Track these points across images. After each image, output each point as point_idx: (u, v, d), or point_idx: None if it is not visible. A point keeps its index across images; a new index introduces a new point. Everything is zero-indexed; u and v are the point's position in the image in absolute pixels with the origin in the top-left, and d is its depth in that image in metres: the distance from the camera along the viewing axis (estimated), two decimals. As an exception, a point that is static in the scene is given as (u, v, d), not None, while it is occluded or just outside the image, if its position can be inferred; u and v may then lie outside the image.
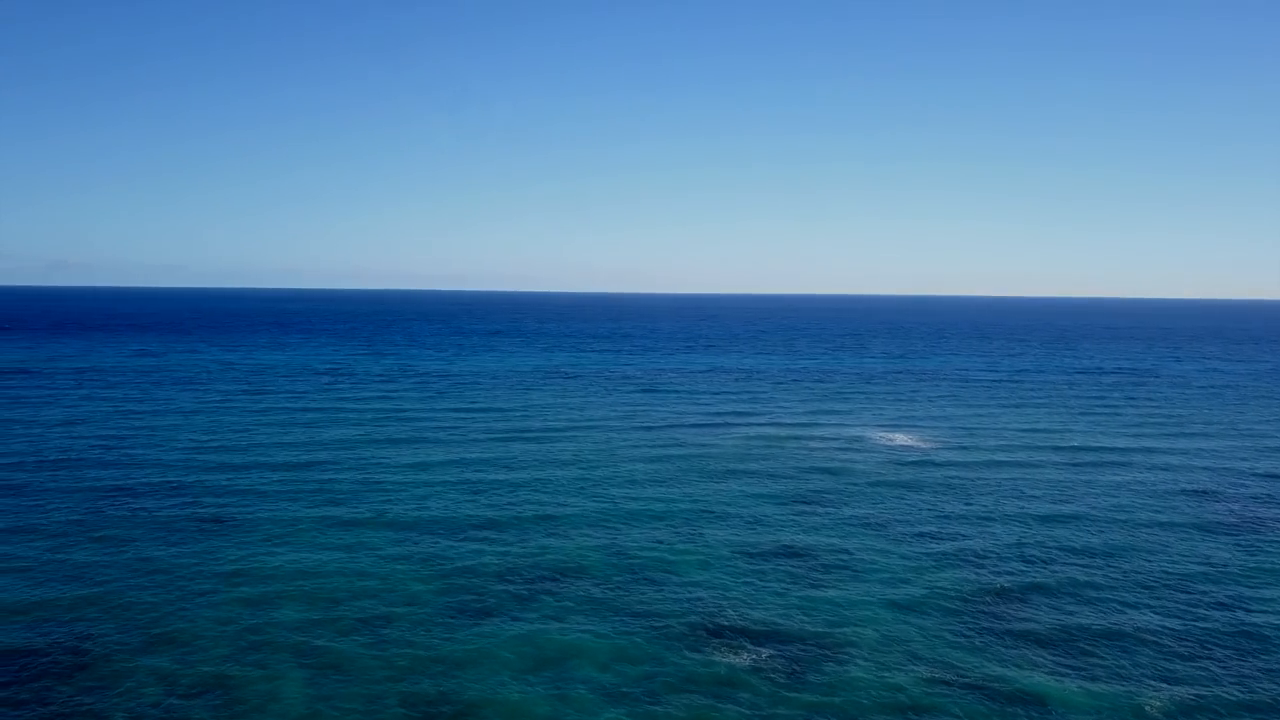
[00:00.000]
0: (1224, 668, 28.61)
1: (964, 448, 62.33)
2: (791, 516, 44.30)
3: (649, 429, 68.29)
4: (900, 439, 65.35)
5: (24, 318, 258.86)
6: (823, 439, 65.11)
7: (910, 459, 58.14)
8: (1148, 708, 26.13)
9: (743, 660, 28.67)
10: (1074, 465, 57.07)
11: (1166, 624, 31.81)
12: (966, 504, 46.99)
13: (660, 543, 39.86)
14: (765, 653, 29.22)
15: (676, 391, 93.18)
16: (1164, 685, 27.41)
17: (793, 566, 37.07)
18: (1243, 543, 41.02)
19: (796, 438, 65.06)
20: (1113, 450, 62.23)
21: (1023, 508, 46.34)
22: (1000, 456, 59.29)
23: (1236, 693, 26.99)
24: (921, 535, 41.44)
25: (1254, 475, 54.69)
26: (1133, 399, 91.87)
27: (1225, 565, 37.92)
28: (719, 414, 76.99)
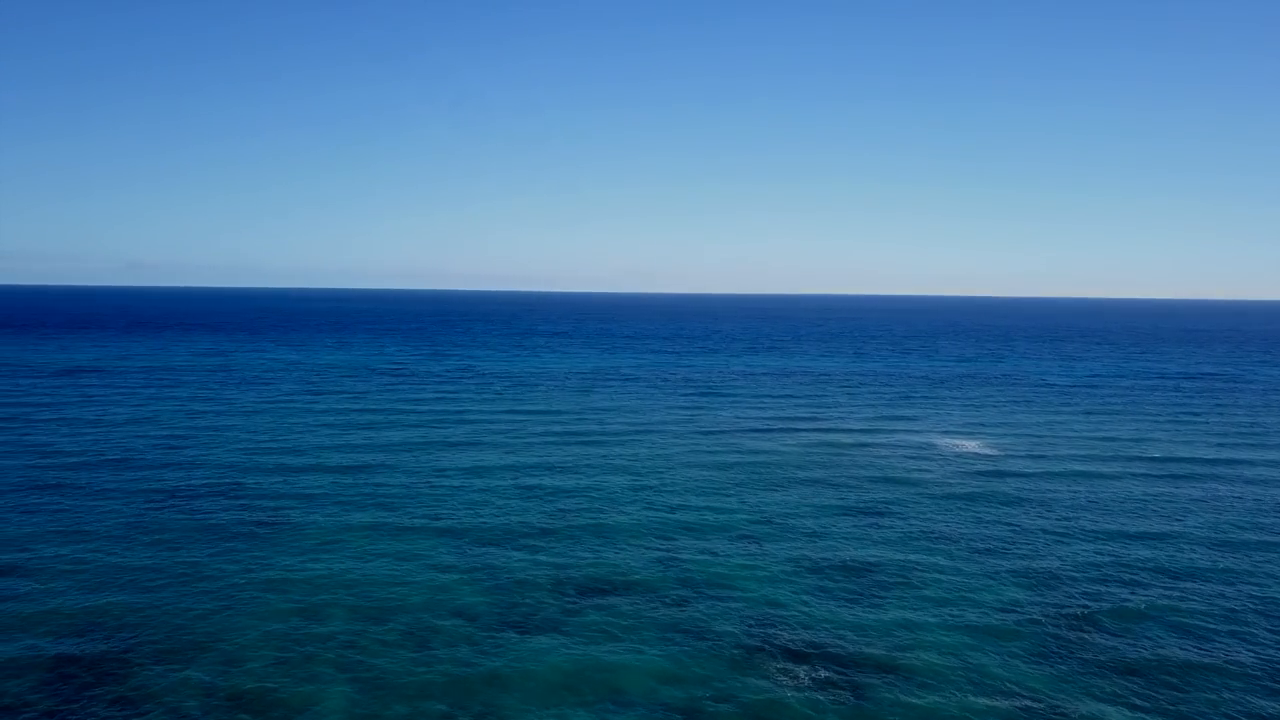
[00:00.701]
0: (1328, 707, 26.26)
1: (1038, 457, 59.70)
2: (855, 529, 42.54)
3: (708, 433, 66.84)
4: (970, 446, 62.92)
5: (101, 316, 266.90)
6: (889, 446, 62.99)
7: (980, 468, 55.78)
8: (1244, 750, 24.03)
9: (800, 683, 27.17)
10: (1156, 477, 54.17)
11: (1261, 655, 29.45)
12: (1041, 518, 44.69)
13: (716, 555, 38.47)
14: (824, 675, 27.70)
15: (738, 394, 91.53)
16: (1261, 725, 25.22)
17: (855, 583, 35.39)
18: (1344, 565, 38.17)
19: (861, 444, 63.05)
20: (1198, 461, 59.02)
21: (1101, 523, 43.87)
22: (1076, 467, 56.56)
23: (1344, 736, 24.70)
24: (992, 551, 39.36)
25: (1353, 490, 51.30)
26: (1220, 406, 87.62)
27: (1326, 590, 35.23)
28: (781, 418, 75.20)
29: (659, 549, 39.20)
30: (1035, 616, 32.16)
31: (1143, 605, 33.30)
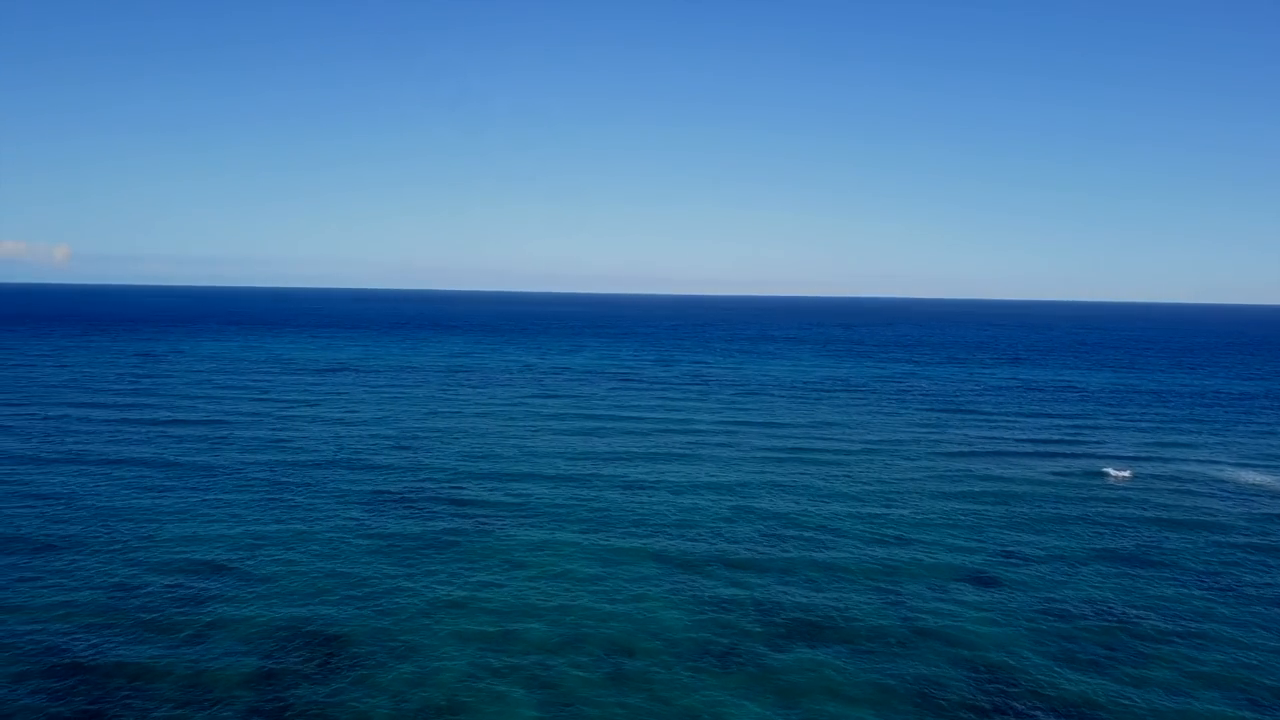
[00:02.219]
0: None
1: (1353, 500, 49.98)
2: (1115, 577, 36.63)
3: (945, 455, 61.26)
4: (1264, 481, 53.82)
5: (368, 317, 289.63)
6: (1161, 477, 55.03)
7: (1276, 510, 47.29)
8: None
9: (1042, 774, 22.78)
10: None
11: None
12: (1360, 579, 36.71)
13: (947, 599, 34.07)
14: (1073, 765, 23.14)
15: (985, 411, 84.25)
16: None
17: (1110, 645, 30.03)
18: None
19: (1126, 475, 55.42)
20: None
21: None
22: (1406, 515, 46.73)
23: None
24: (1295, 619, 32.45)
25: None
26: None
27: None
28: (1034, 440, 68.04)
29: (882, 587, 35.28)
30: (1357, 712, 25.74)
31: None
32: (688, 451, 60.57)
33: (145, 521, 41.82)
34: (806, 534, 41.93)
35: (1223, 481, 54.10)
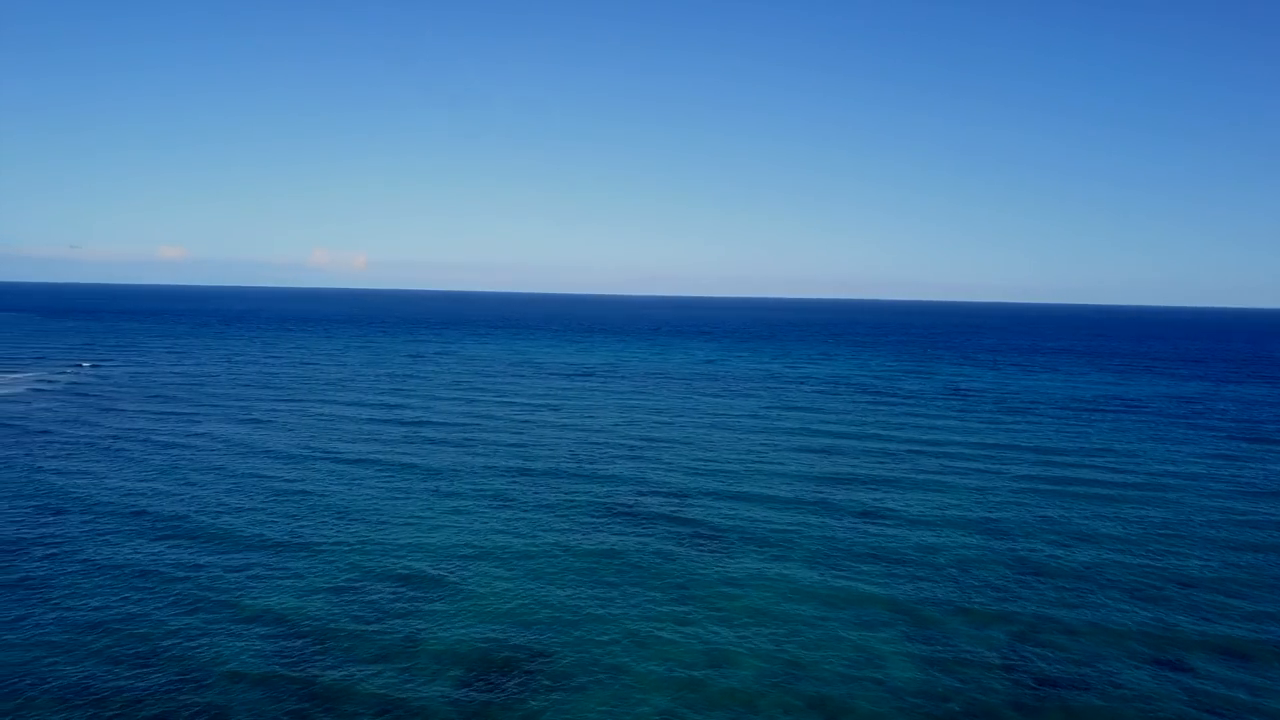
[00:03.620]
0: None
1: None
2: None
3: (1246, 495, 52.25)
4: None
5: (611, 321, 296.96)
6: None
7: None
8: None
9: None
10: None
11: None
12: None
13: (1243, 676, 28.06)
14: None
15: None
16: None
17: None
18: None
19: None
20: None
21: None
22: None
23: None
24: None
25: None
26: None
27: None
28: (1360, 480, 56.99)
29: (1159, 657, 29.70)
30: None
31: None
32: (935, 478, 55.40)
33: (378, 524, 42.95)
34: (1067, 583, 36.42)
35: None
